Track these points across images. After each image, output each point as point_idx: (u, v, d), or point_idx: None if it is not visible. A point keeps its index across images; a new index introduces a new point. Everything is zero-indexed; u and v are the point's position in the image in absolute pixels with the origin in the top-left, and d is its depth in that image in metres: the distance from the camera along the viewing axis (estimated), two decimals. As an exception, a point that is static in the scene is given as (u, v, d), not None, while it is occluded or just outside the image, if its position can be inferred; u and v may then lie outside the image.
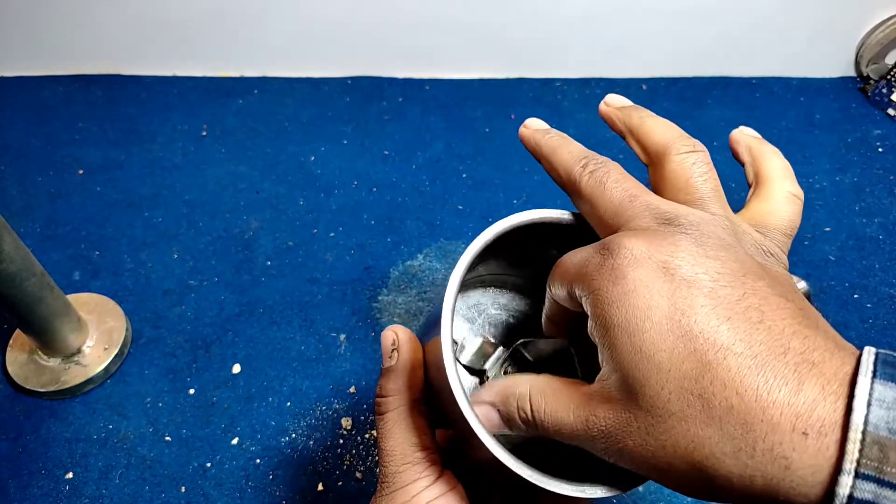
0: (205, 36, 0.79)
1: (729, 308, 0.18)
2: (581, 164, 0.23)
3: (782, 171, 0.24)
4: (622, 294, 0.19)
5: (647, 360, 0.18)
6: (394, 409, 0.27)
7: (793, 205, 0.23)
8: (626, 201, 0.22)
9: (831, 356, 0.17)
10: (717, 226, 0.20)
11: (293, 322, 0.58)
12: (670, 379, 0.17)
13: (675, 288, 0.18)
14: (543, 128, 0.27)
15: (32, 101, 0.79)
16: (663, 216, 0.20)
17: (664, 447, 0.18)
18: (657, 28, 0.79)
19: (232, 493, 0.48)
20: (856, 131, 0.78)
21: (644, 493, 0.48)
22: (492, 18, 0.78)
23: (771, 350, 0.17)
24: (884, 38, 0.80)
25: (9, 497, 0.47)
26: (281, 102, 0.80)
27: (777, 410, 0.16)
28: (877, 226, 0.67)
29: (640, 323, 0.18)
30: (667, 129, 0.24)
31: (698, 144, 0.23)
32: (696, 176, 0.23)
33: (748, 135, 0.26)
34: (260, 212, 0.67)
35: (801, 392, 0.16)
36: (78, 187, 0.69)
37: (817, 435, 0.16)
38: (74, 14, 0.76)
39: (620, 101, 0.27)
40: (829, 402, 0.16)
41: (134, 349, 0.56)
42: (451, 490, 0.25)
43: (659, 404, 0.18)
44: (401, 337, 0.28)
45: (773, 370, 0.17)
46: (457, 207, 0.68)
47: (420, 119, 0.78)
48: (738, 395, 0.16)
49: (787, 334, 0.17)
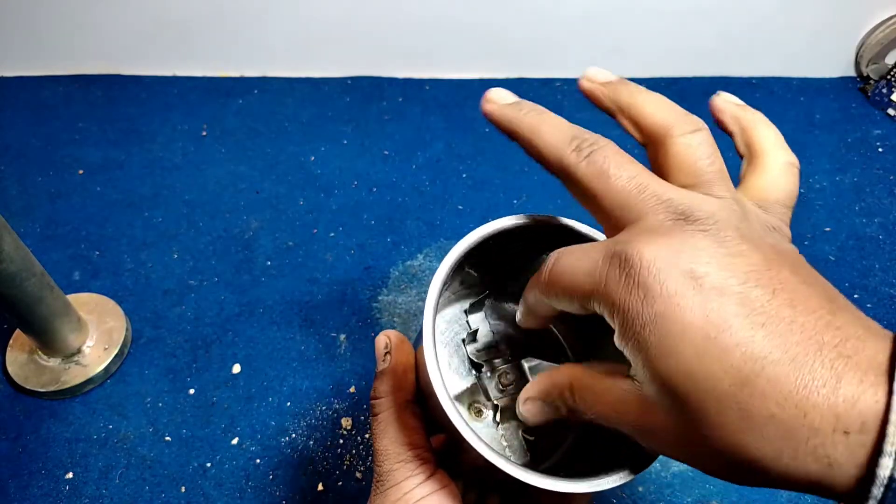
0: (205, 36, 0.79)
1: (762, 313, 0.17)
2: (573, 146, 0.22)
3: (775, 140, 0.24)
4: (655, 317, 0.18)
5: (685, 379, 0.18)
6: (386, 410, 0.27)
7: (791, 175, 0.23)
8: (635, 192, 0.20)
9: (864, 345, 0.17)
10: (731, 213, 0.20)
11: (293, 322, 0.58)
12: (709, 395, 0.17)
13: (706, 300, 0.17)
14: (512, 100, 0.24)
15: (32, 101, 0.79)
16: (676, 210, 0.20)
17: (703, 446, 0.18)
18: (657, 28, 0.79)
19: (232, 493, 0.48)
20: (856, 131, 0.78)
21: (644, 493, 0.48)
22: (492, 18, 0.78)
23: (806, 350, 0.17)
24: (884, 38, 0.80)
25: (9, 497, 0.47)
26: (281, 102, 0.80)
27: (818, 414, 0.16)
28: (877, 226, 0.67)
29: (676, 345, 0.18)
30: (664, 106, 0.23)
31: (699, 122, 0.22)
32: (703, 158, 0.21)
33: (731, 102, 0.25)
34: (260, 212, 0.67)
35: (840, 390, 0.16)
36: (78, 187, 0.69)
37: (859, 432, 0.16)
38: (74, 14, 0.76)
39: (604, 75, 0.25)
40: (869, 396, 0.16)
41: (134, 349, 0.56)
42: (443, 488, 0.26)
43: (698, 416, 0.18)
44: (393, 341, 0.28)
45: (811, 371, 0.16)
46: (457, 207, 0.68)
47: (420, 119, 0.78)
48: (778, 405, 0.16)
49: (819, 328, 0.17)
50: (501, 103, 0.24)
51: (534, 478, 0.22)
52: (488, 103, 0.24)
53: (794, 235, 0.22)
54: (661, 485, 0.48)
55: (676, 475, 0.49)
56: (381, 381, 0.28)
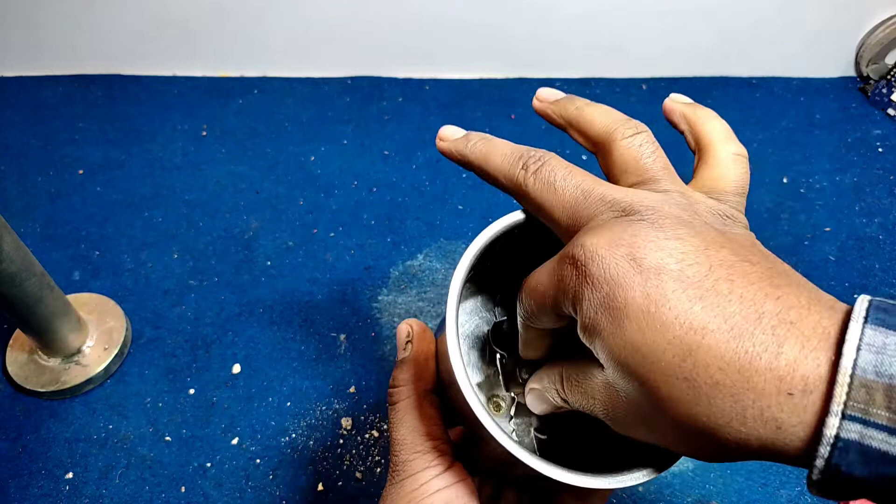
0: (205, 36, 0.79)
1: (698, 286, 0.18)
2: (520, 165, 0.23)
3: (722, 132, 0.24)
4: (603, 299, 0.19)
5: (632, 355, 0.18)
6: (405, 399, 0.27)
7: (739, 164, 0.23)
8: (581, 199, 0.22)
9: (808, 313, 0.17)
10: (672, 204, 0.21)
11: (293, 322, 0.58)
12: (656, 369, 0.18)
13: (646, 279, 0.18)
14: (461, 135, 0.27)
15: (32, 101, 0.79)
16: (619, 207, 0.21)
17: (663, 423, 0.19)
18: (657, 28, 0.79)
19: (232, 493, 0.48)
20: (856, 131, 0.78)
21: (644, 493, 0.48)
22: (492, 18, 0.78)
23: (746, 319, 0.17)
24: (884, 38, 0.80)
25: (9, 497, 0.47)
26: (281, 102, 0.80)
27: (761, 377, 0.17)
28: (877, 226, 0.67)
29: (622, 322, 0.19)
30: (606, 114, 0.24)
31: (640, 125, 0.24)
32: (645, 157, 0.23)
33: (680, 102, 0.26)
34: (260, 212, 0.67)
35: (782, 354, 0.17)
36: (78, 187, 0.69)
37: (802, 393, 0.16)
38: (74, 14, 0.76)
39: (553, 94, 0.27)
40: (811, 360, 0.16)
41: (134, 349, 0.56)
42: (460, 481, 0.26)
43: (650, 391, 0.18)
44: (415, 330, 0.28)
45: (751, 338, 0.17)
46: (457, 207, 0.68)
47: (420, 119, 0.78)
48: (721, 371, 0.17)
49: (759, 299, 0.18)
50: (452, 139, 0.27)
51: (556, 471, 0.21)
52: (441, 141, 0.27)
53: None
54: (661, 485, 0.48)
55: (676, 475, 0.49)
56: (402, 369, 0.28)
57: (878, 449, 0.15)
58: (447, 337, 0.23)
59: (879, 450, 0.15)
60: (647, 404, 0.19)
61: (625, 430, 0.21)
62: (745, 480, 0.49)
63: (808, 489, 0.17)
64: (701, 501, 0.48)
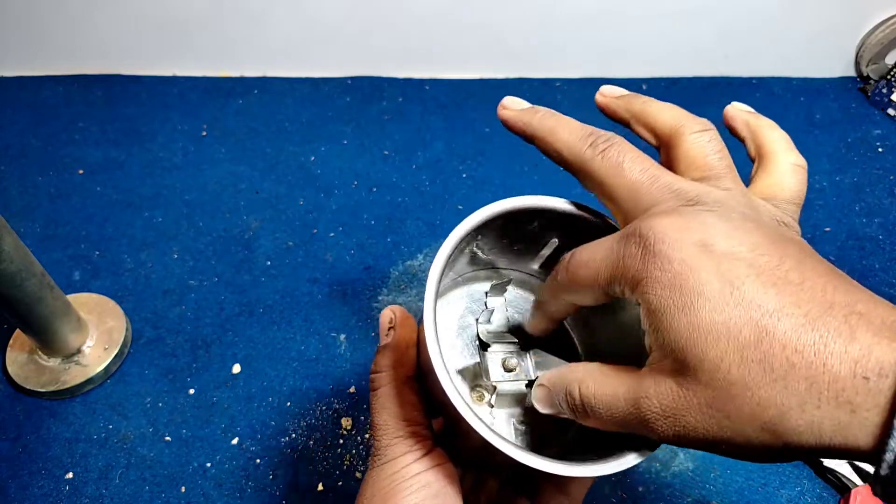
0: (205, 36, 0.79)
1: (772, 274, 0.18)
2: (588, 142, 0.23)
3: (783, 143, 0.25)
4: (672, 278, 0.19)
5: (705, 336, 0.18)
6: (386, 385, 0.27)
7: (798, 175, 0.24)
8: (647, 183, 0.22)
9: (875, 306, 0.17)
10: (737, 201, 0.21)
11: (293, 322, 0.58)
12: (730, 350, 0.18)
13: (718, 262, 0.19)
14: (527, 106, 0.27)
15: (32, 101, 0.79)
16: (686, 196, 0.21)
17: (729, 416, 0.18)
18: (657, 28, 0.79)
19: (232, 493, 0.48)
20: (856, 131, 0.78)
21: (644, 493, 0.48)
22: (492, 18, 0.78)
23: (819, 306, 0.17)
24: (884, 38, 0.80)
25: (9, 497, 0.47)
26: (281, 102, 0.80)
27: (836, 360, 0.17)
28: (877, 226, 0.67)
29: (695, 301, 0.18)
30: (673, 110, 0.25)
31: (708, 123, 0.24)
32: (712, 154, 0.23)
33: (742, 110, 0.27)
34: (260, 212, 0.67)
35: (856, 340, 0.17)
36: (78, 187, 0.69)
37: (878, 377, 0.16)
38: (74, 14, 0.76)
39: (618, 90, 0.27)
40: (885, 345, 0.16)
41: (134, 349, 0.56)
42: (440, 464, 0.26)
43: (720, 376, 0.18)
44: (398, 316, 0.29)
45: (826, 324, 0.17)
46: (457, 207, 0.68)
47: (420, 119, 0.78)
48: (797, 353, 0.17)
49: (829, 291, 0.18)
50: (517, 109, 0.27)
51: (532, 459, 0.21)
52: (505, 109, 0.27)
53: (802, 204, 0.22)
54: (661, 485, 0.48)
55: (676, 475, 0.49)
56: (383, 355, 0.28)
57: None
58: (425, 325, 0.23)
59: None
60: (712, 394, 0.18)
61: (683, 434, 0.20)
62: (745, 480, 0.49)
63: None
64: (701, 501, 0.48)
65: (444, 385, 0.22)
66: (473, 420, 0.22)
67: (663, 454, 0.50)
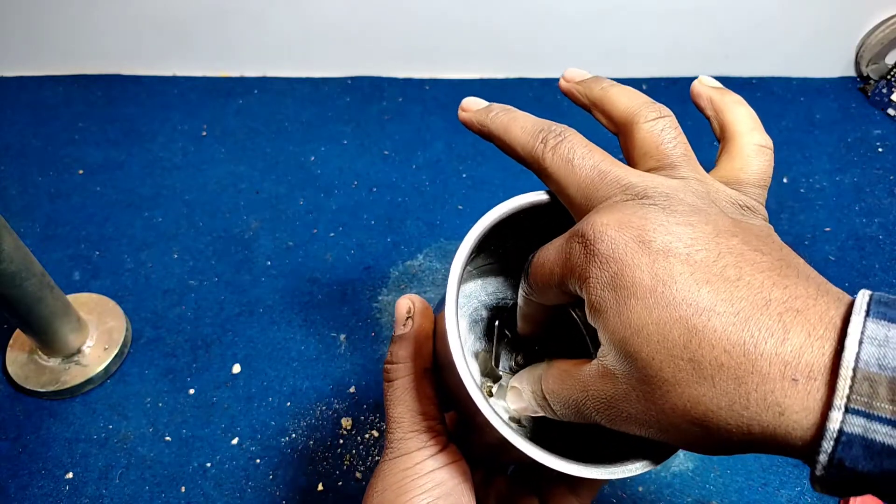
0: (205, 36, 0.79)
1: (706, 271, 0.18)
2: (539, 138, 0.23)
3: (748, 122, 0.24)
4: (610, 278, 0.19)
5: (636, 334, 0.18)
6: (403, 377, 0.27)
7: (762, 156, 0.23)
8: (597, 179, 0.21)
9: (815, 302, 0.17)
10: (688, 191, 0.21)
11: (293, 322, 0.58)
12: (660, 349, 0.18)
13: (654, 260, 0.18)
14: (484, 105, 0.26)
15: (32, 101, 0.79)
16: (633, 191, 0.21)
17: (663, 410, 0.18)
18: (657, 28, 0.79)
19: (232, 493, 0.48)
20: (856, 131, 0.78)
21: (644, 493, 0.48)
22: (492, 18, 0.78)
23: (753, 304, 0.17)
24: (884, 38, 0.80)
25: (9, 497, 0.47)
26: (281, 102, 0.80)
27: (766, 361, 0.16)
28: (877, 226, 0.67)
29: (627, 300, 0.18)
30: (632, 96, 0.24)
31: (664, 109, 0.23)
32: (666, 142, 0.22)
33: (709, 86, 0.26)
34: (260, 212, 0.67)
35: (788, 341, 0.16)
36: (78, 187, 0.69)
37: (806, 379, 0.16)
38: (74, 14, 0.76)
39: (579, 74, 0.27)
40: (816, 347, 0.16)
41: (134, 349, 0.56)
42: (454, 462, 0.26)
43: (652, 373, 0.18)
44: (417, 306, 0.27)
45: (758, 323, 0.17)
46: (457, 207, 0.68)
47: (420, 119, 0.78)
48: (726, 353, 0.17)
49: (766, 287, 0.17)
50: (474, 109, 0.26)
51: (550, 459, 0.21)
52: (463, 112, 0.27)
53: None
54: (661, 485, 0.48)
55: (676, 475, 0.49)
56: (401, 346, 0.27)
57: (883, 443, 0.15)
58: (446, 316, 0.23)
59: (884, 444, 0.15)
60: (646, 389, 0.19)
61: (619, 423, 0.20)
62: (745, 480, 0.49)
63: (811, 486, 0.17)
64: (701, 501, 0.48)
65: (464, 379, 0.22)
66: (492, 416, 0.21)
67: (663, 454, 0.50)
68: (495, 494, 0.30)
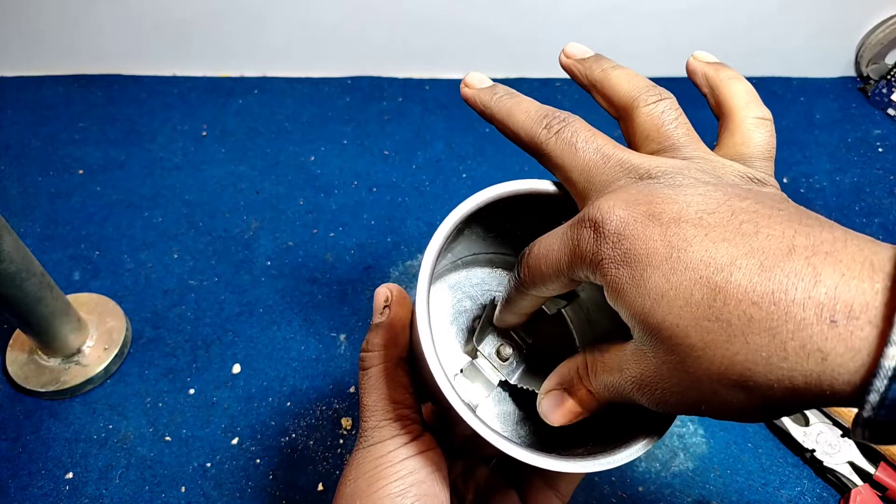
0: (205, 36, 0.79)
1: (721, 229, 0.18)
2: (543, 124, 0.23)
3: (744, 96, 0.24)
4: (623, 254, 0.19)
5: (657, 304, 0.18)
6: (377, 365, 0.26)
7: (763, 128, 0.23)
8: (600, 163, 0.21)
9: (844, 245, 0.16)
10: (693, 169, 0.20)
11: (293, 322, 0.58)
12: (684, 314, 0.17)
13: (665, 229, 0.18)
14: (488, 85, 0.26)
15: (32, 101, 0.79)
16: (637, 172, 0.20)
17: (699, 378, 0.18)
18: (657, 28, 0.79)
19: (232, 493, 0.48)
20: (856, 131, 0.78)
21: (644, 493, 0.48)
22: (492, 18, 0.78)
23: (776, 254, 0.16)
24: (884, 38, 0.80)
25: (9, 497, 0.47)
26: (281, 102, 0.80)
27: (799, 307, 0.16)
28: (877, 226, 0.67)
29: (644, 272, 0.18)
30: (631, 79, 0.24)
31: (664, 91, 0.23)
32: (667, 123, 0.22)
33: (704, 61, 0.25)
34: (260, 212, 0.67)
35: (820, 283, 0.16)
36: (78, 187, 0.69)
37: (847, 319, 0.15)
38: (74, 14, 0.76)
39: (581, 50, 0.26)
40: (854, 286, 0.15)
41: (134, 349, 0.56)
42: (427, 451, 0.25)
43: (679, 341, 0.18)
44: (394, 294, 0.27)
45: (784, 270, 0.16)
46: (457, 207, 0.68)
47: (420, 119, 0.78)
48: (754, 305, 0.16)
49: (788, 235, 0.17)
50: (478, 87, 0.26)
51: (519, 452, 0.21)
52: (465, 87, 0.26)
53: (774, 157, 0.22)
54: (661, 485, 0.48)
55: (676, 475, 0.49)
56: (376, 333, 0.27)
57: None
58: (417, 309, 0.23)
59: None
60: (676, 359, 0.18)
61: (663, 401, 0.19)
62: (745, 480, 0.49)
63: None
64: (701, 501, 0.48)
65: (434, 373, 0.21)
66: (463, 410, 0.21)
67: (663, 454, 0.50)
68: (474, 486, 0.30)
